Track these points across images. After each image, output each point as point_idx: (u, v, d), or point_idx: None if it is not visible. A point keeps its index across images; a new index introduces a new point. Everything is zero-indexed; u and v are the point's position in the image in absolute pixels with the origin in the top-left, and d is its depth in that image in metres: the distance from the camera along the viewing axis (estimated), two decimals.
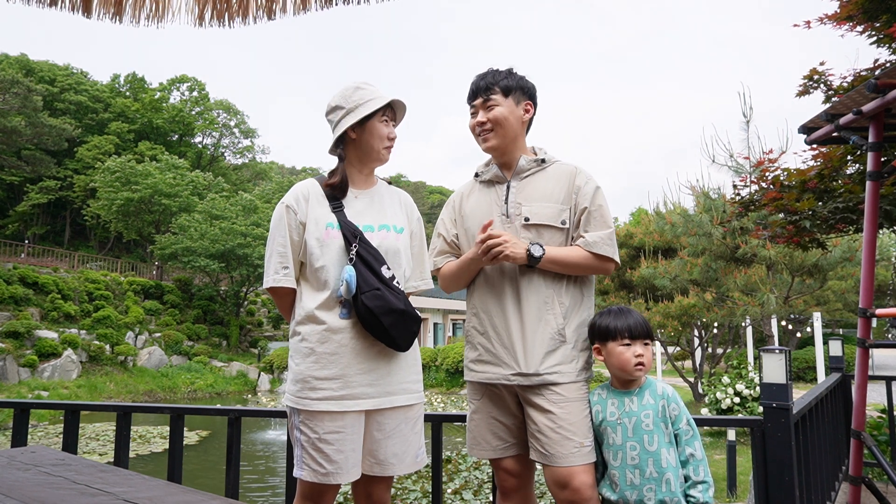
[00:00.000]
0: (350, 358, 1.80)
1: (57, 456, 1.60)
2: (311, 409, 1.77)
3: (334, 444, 1.75)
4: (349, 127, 1.90)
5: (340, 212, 1.88)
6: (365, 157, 1.95)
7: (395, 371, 1.87)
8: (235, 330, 25.46)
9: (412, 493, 7.40)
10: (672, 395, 1.79)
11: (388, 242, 1.91)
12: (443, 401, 17.61)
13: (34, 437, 12.03)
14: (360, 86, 1.93)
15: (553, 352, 1.82)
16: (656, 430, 1.73)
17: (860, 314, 2.63)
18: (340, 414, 1.77)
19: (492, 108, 1.94)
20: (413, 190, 57.17)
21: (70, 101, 34.35)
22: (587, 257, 1.86)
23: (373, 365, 1.83)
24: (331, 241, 1.84)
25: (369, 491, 1.88)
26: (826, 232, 4.41)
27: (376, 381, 1.82)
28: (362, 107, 1.88)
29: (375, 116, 1.90)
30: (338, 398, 1.77)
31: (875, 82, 2.31)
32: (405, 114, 2.02)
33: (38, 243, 29.48)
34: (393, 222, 1.96)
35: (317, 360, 1.79)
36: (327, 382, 1.77)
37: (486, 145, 1.97)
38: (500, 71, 1.98)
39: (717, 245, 11.29)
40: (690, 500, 1.69)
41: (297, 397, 1.79)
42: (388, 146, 1.95)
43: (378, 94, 1.92)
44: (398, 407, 1.87)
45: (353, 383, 1.79)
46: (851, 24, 4.08)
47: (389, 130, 1.94)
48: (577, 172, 1.95)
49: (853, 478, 2.81)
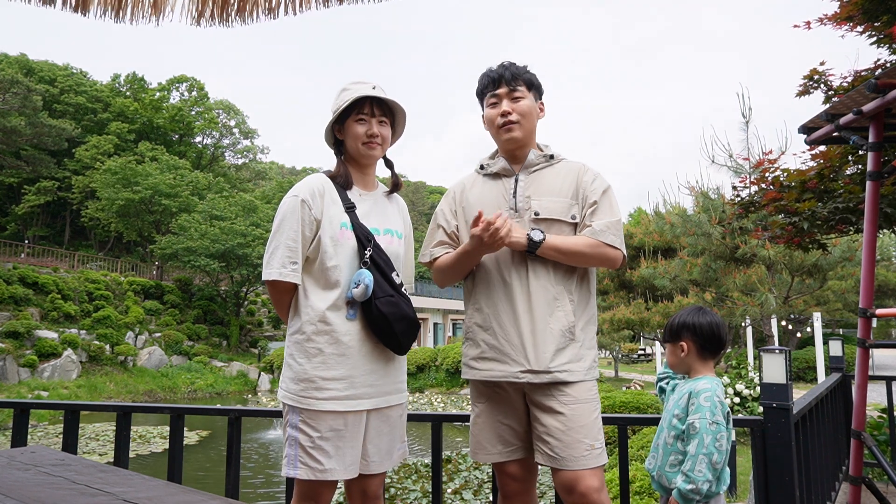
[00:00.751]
0: (357, 359, 1.81)
1: (57, 456, 1.59)
2: (315, 408, 1.76)
3: (334, 442, 1.76)
4: (336, 128, 1.93)
5: (353, 213, 1.87)
6: (351, 155, 1.96)
7: (391, 371, 1.89)
8: (235, 330, 25.46)
9: (412, 493, 7.40)
10: (696, 391, 1.81)
11: (393, 247, 1.92)
12: (443, 401, 17.61)
13: (34, 438, 12.03)
14: (346, 87, 1.93)
15: (563, 349, 1.78)
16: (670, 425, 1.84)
17: (860, 314, 2.63)
18: (342, 413, 1.78)
19: (519, 100, 1.89)
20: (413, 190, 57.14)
21: (69, 101, 34.33)
22: (592, 245, 1.80)
23: (375, 366, 1.84)
24: (345, 241, 1.83)
25: (363, 487, 1.88)
26: (826, 232, 4.41)
27: (377, 382, 1.84)
28: (339, 108, 1.89)
29: (351, 116, 1.90)
30: (343, 398, 1.78)
31: (875, 82, 2.31)
32: (403, 110, 1.97)
33: (37, 243, 29.45)
34: (395, 227, 1.98)
35: (324, 361, 1.78)
36: (334, 383, 1.78)
37: (509, 136, 1.89)
38: (519, 65, 1.94)
39: (716, 245, 11.28)
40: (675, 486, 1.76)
41: (300, 396, 1.78)
42: (367, 143, 1.90)
43: (357, 93, 1.88)
44: (393, 405, 1.89)
45: (358, 384, 1.80)
46: (851, 24, 4.08)
47: (367, 128, 1.89)
48: (586, 169, 1.93)
49: (853, 478, 2.81)
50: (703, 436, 1.73)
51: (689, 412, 1.80)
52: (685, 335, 1.90)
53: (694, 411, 1.78)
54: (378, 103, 1.92)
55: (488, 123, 1.96)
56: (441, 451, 2.35)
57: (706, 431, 1.74)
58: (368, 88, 1.89)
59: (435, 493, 2.33)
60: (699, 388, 1.81)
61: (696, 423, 1.76)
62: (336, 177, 1.92)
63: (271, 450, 11.30)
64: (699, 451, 1.72)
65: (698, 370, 1.90)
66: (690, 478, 1.71)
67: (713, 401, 1.78)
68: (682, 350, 1.91)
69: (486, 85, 1.95)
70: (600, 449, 1.75)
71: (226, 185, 34.67)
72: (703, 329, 1.89)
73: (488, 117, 1.95)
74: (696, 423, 1.75)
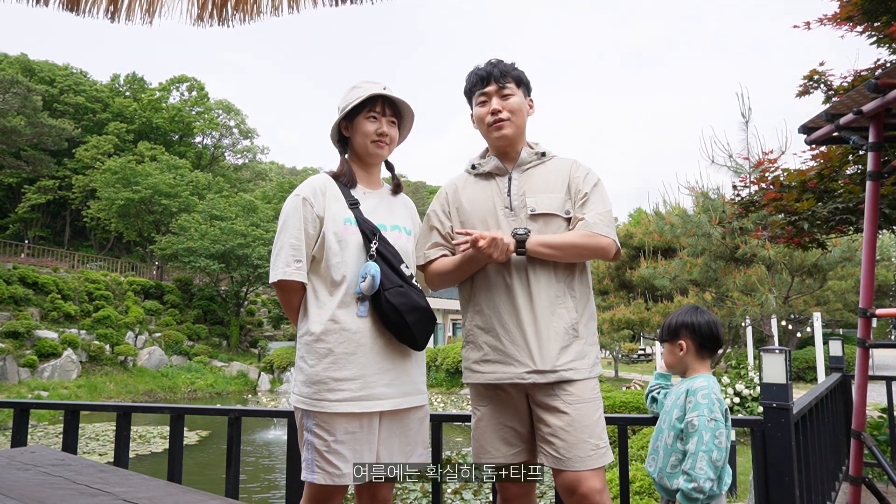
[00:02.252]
0: (369, 358, 1.76)
1: (57, 456, 1.59)
2: (329, 410, 1.71)
3: (351, 445, 1.72)
4: (343, 125, 1.92)
5: (357, 208, 1.85)
6: (357, 153, 1.95)
7: (410, 370, 1.83)
8: (235, 330, 25.46)
9: (412, 493, 7.40)
10: (693, 389, 1.81)
11: (401, 243, 1.90)
12: (443, 401, 17.61)
13: (34, 438, 12.03)
14: (357, 84, 1.92)
15: (567, 347, 1.76)
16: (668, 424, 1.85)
17: (860, 314, 2.63)
18: (358, 415, 1.73)
19: (508, 97, 1.88)
20: (413, 190, 57.11)
21: (69, 101, 34.31)
22: (584, 236, 1.77)
23: (390, 364, 1.79)
24: (349, 236, 1.81)
25: (373, 492, 1.84)
26: (826, 232, 4.41)
27: (394, 381, 1.79)
28: (350, 104, 1.88)
29: (361, 113, 1.89)
30: (357, 399, 1.72)
31: (875, 82, 2.31)
32: (412, 112, 1.96)
33: (37, 243, 29.43)
34: (403, 223, 1.96)
35: (335, 361, 1.74)
36: (347, 383, 1.72)
37: (500, 133, 1.88)
38: (507, 62, 1.93)
39: (716, 245, 11.28)
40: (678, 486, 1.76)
41: (313, 399, 1.73)
42: (376, 141, 1.89)
43: (369, 91, 1.88)
44: (409, 408, 1.83)
45: (372, 383, 1.75)
46: (851, 24, 4.08)
47: (377, 126, 1.88)
48: (577, 165, 1.92)
49: (853, 478, 2.81)
50: (703, 433, 1.73)
51: (687, 410, 1.79)
52: (683, 334, 1.91)
53: (692, 409, 1.78)
54: (389, 103, 1.91)
55: (478, 122, 1.95)
56: (441, 451, 2.34)
57: (705, 428, 1.73)
58: (380, 87, 1.88)
59: (435, 494, 2.33)
60: (696, 386, 1.81)
61: (694, 421, 1.75)
62: (339, 175, 1.91)
63: (271, 450, 11.30)
64: (699, 449, 1.71)
65: (696, 369, 1.91)
66: (692, 476, 1.70)
67: (710, 398, 1.78)
68: (680, 349, 1.91)
69: (475, 83, 1.93)
70: (605, 448, 1.73)
71: (226, 185, 34.66)
72: (702, 328, 1.90)
73: (478, 115, 1.94)
74: (695, 421, 1.75)
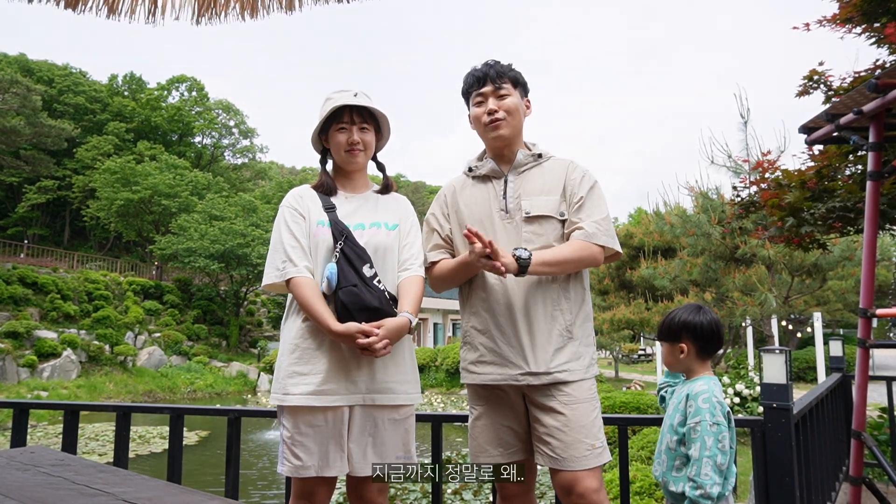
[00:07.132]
0: (333, 354, 1.80)
1: (56, 456, 1.59)
2: (291, 404, 1.77)
3: (315, 438, 1.76)
4: (322, 137, 1.98)
5: (332, 211, 1.90)
6: (336, 163, 2.00)
7: (380, 370, 1.84)
8: (235, 330, 25.45)
9: (412, 493, 7.40)
10: (694, 394, 1.78)
11: (378, 239, 1.91)
12: (443, 401, 17.61)
13: (34, 438, 12.02)
14: (329, 96, 1.95)
15: (562, 349, 1.77)
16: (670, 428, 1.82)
17: (860, 314, 2.63)
18: (321, 409, 1.77)
19: (504, 98, 1.89)
20: (413, 190, 57.08)
21: (69, 101, 34.30)
22: (583, 248, 1.77)
23: (356, 363, 1.81)
24: (321, 238, 1.86)
25: (360, 492, 1.86)
26: (826, 232, 4.41)
27: (359, 379, 1.81)
28: (321, 121, 1.94)
29: (332, 126, 1.93)
30: (317, 393, 1.77)
31: (875, 82, 2.31)
32: (384, 115, 1.96)
33: (37, 243, 29.41)
34: (385, 219, 1.97)
35: (300, 357, 1.80)
36: (309, 377, 1.78)
37: (497, 134, 1.89)
38: (504, 63, 1.94)
39: (716, 245, 11.30)
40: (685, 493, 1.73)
41: (281, 394, 1.80)
42: (349, 150, 1.93)
43: (336, 102, 1.90)
44: (383, 406, 1.84)
45: (333, 378, 1.78)
46: (850, 25, 4.08)
47: (348, 136, 1.91)
48: (574, 167, 1.92)
49: (853, 478, 2.81)
50: (705, 438, 1.70)
51: (688, 415, 1.76)
52: (685, 336, 1.86)
53: (693, 414, 1.75)
54: (358, 110, 1.93)
55: (475, 122, 1.96)
56: (441, 451, 2.34)
57: (707, 434, 1.70)
58: (349, 96, 1.91)
59: (435, 493, 2.33)
60: (697, 390, 1.78)
61: (696, 427, 1.72)
62: (319, 187, 1.97)
63: (271, 450, 11.30)
64: (703, 455, 1.68)
65: (696, 371, 1.87)
66: (697, 483, 1.68)
67: (712, 402, 1.74)
68: (681, 352, 1.87)
69: (472, 84, 1.94)
70: (601, 448, 1.74)
71: (225, 184, 34.63)
72: (704, 330, 1.84)
73: (475, 116, 1.95)
74: (697, 427, 1.72)
